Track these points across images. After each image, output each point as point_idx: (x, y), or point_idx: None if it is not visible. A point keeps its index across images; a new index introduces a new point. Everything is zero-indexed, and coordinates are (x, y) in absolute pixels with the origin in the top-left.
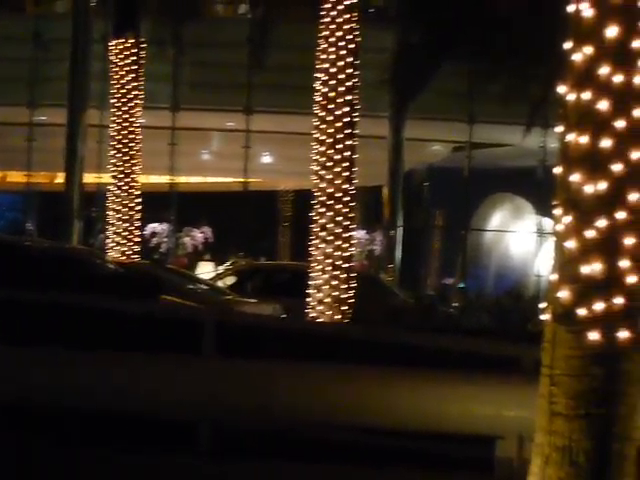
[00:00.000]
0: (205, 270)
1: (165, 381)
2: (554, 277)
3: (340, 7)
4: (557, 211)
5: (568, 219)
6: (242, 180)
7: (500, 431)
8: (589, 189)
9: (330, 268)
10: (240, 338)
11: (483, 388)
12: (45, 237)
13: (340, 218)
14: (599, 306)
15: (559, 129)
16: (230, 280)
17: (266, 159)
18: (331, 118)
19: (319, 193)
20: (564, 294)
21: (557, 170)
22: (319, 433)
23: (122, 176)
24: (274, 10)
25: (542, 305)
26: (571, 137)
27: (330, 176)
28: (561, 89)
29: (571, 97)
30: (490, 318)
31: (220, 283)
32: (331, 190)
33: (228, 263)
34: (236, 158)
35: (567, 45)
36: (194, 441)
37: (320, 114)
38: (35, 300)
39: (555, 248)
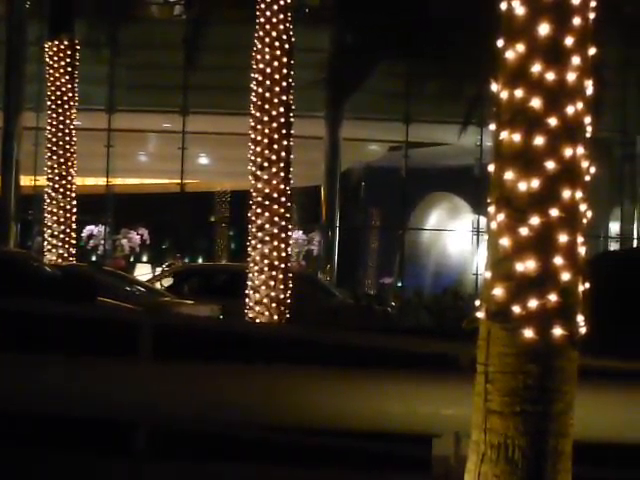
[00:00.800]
0: (142, 272)
1: (101, 384)
2: (488, 275)
3: (274, 7)
4: (491, 209)
5: (502, 217)
6: (179, 181)
7: (437, 429)
8: (522, 186)
9: (267, 269)
10: (177, 340)
11: (420, 386)
12: None
13: (277, 218)
14: (533, 303)
15: (493, 127)
16: (167, 282)
17: (203, 160)
18: (267, 118)
19: (256, 194)
20: (498, 292)
21: (491, 168)
22: (260, 434)
23: (58, 178)
24: (208, 11)
25: (477, 303)
26: (504, 135)
27: (266, 177)
28: (494, 87)
29: (504, 95)
30: (428, 317)
31: (157, 285)
32: (268, 191)
33: (165, 265)
34: (172, 159)
35: (499, 43)
36: (130, 444)
37: (256, 114)
38: None
39: (489, 246)
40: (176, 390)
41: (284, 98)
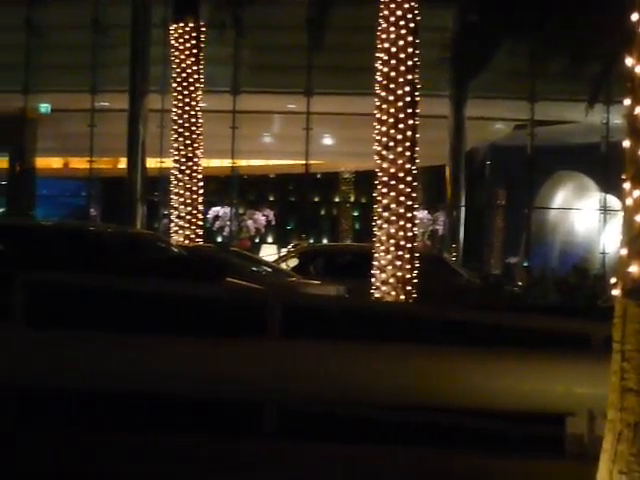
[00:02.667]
0: (268, 253)
1: (231, 364)
2: (624, 252)
3: None
4: (626, 185)
5: (638, 193)
6: (303, 162)
7: (571, 408)
8: None
9: (393, 248)
10: (305, 319)
11: (554, 365)
12: (109, 222)
13: (403, 198)
14: None
15: (627, 102)
16: (293, 262)
17: (327, 140)
18: (392, 98)
19: (381, 174)
20: (634, 269)
21: (625, 144)
22: (389, 414)
23: (184, 160)
24: None
25: (612, 280)
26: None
27: (392, 156)
28: (628, 62)
29: (639, 70)
30: (556, 296)
31: (283, 265)
32: (393, 170)
33: (290, 245)
34: (297, 140)
35: (634, 17)
36: (260, 424)
37: (381, 94)
38: (101, 285)
39: (624, 223)
40: (306, 370)
41: (409, 77)
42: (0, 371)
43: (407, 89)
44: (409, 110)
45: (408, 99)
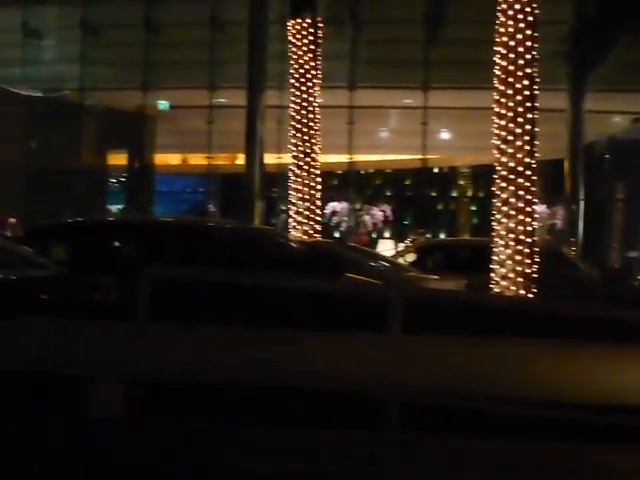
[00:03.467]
0: (385, 248)
1: (353, 359)
2: None
3: None
4: None
5: None
6: (420, 157)
7: None
8: None
9: (513, 243)
10: (427, 314)
11: None
12: (227, 218)
13: (522, 192)
14: None
15: None
16: (411, 257)
17: (444, 135)
18: (511, 92)
19: (500, 167)
20: None
21: None
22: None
23: (302, 156)
24: None
25: None
26: None
27: (511, 150)
28: None
29: None
30: None
31: (401, 260)
32: (513, 164)
33: (408, 240)
34: (414, 135)
35: None
36: (383, 420)
37: (500, 88)
38: (223, 280)
39: None
40: (429, 364)
41: (528, 71)
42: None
43: (526, 83)
44: (528, 104)
45: (527, 93)
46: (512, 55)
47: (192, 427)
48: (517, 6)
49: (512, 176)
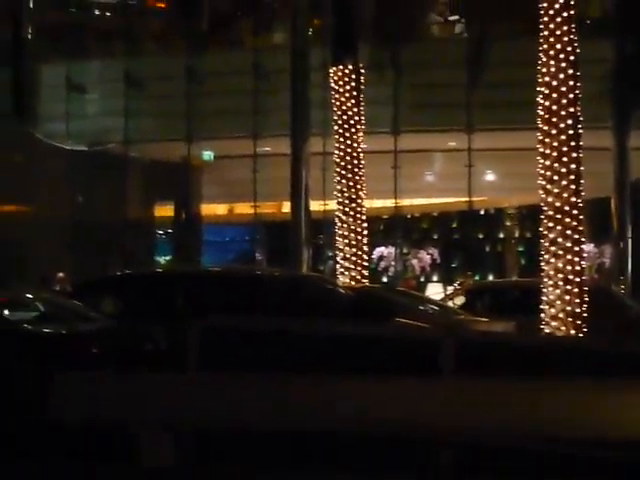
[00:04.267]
0: (434, 291)
1: (406, 402)
2: None
3: (558, 19)
4: None
5: None
6: (467, 199)
7: None
8: None
9: (562, 283)
10: (479, 356)
11: None
12: (275, 266)
13: (569, 232)
14: None
15: None
16: (459, 300)
17: (489, 177)
18: (555, 131)
19: (547, 207)
20: None
21: None
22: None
23: (348, 202)
24: (489, 27)
25: None
26: None
27: (557, 190)
28: None
29: None
30: None
31: (450, 303)
32: (559, 204)
33: (456, 283)
34: (459, 177)
35: None
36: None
37: (544, 128)
38: (276, 329)
39: None
40: (484, 406)
41: (571, 110)
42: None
43: (570, 122)
44: (572, 143)
45: (571, 132)
46: (555, 95)
47: (242, 474)
48: (558, 46)
49: (559, 216)
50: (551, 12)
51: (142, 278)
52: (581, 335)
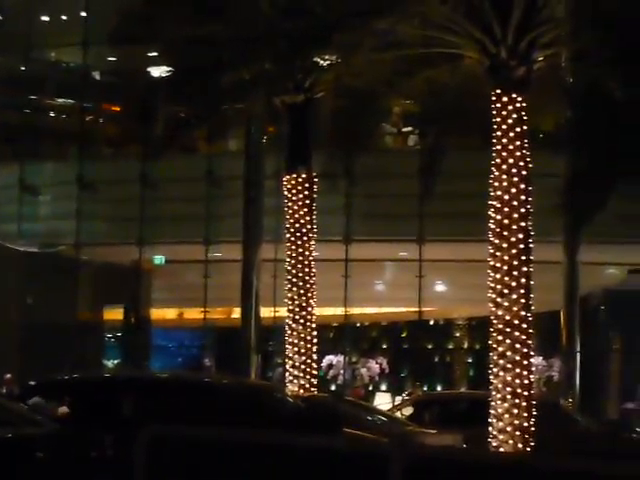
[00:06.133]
0: (382, 401)
1: None
2: None
3: (511, 134)
4: None
5: None
6: (416, 309)
7: None
8: None
9: (510, 396)
10: (428, 470)
11: None
12: (223, 372)
13: (518, 345)
14: None
15: None
16: (407, 411)
17: (440, 287)
18: (506, 245)
19: (496, 321)
20: None
21: None
22: None
23: (298, 309)
24: (443, 140)
25: None
26: None
27: (507, 303)
28: None
29: None
30: None
31: (398, 414)
32: (509, 317)
33: (405, 393)
34: (410, 287)
35: None
36: None
37: (495, 241)
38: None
39: None
40: None
41: (523, 224)
42: None
43: (520, 236)
44: (523, 257)
45: (522, 246)
46: (506, 209)
47: None
48: (511, 160)
49: (508, 329)
50: (504, 127)
51: (90, 382)
52: (528, 450)
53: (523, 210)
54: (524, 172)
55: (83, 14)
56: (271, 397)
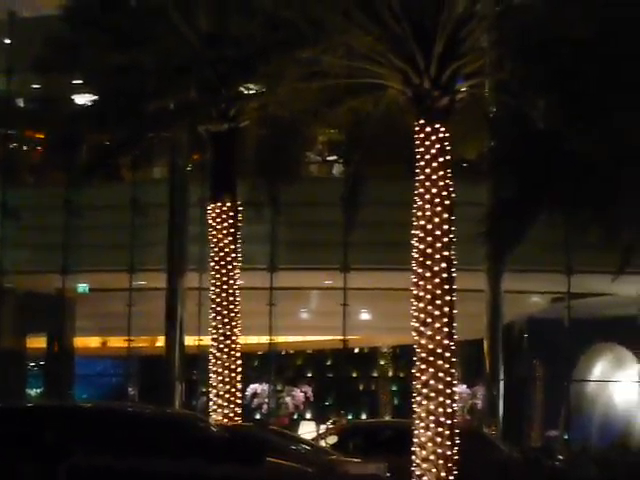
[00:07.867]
0: (307, 429)
1: None
2: None
3: (434, 164)
4: None
5: None
6: (341, 338)
7: None
8: None
9: (434, 425)
10: None
11: None
12: (147, 401)
13: (442, 374)
14: None
15: None
16: (332, 439)
17: (364, 316)
18: (429, 274)
19: (419, 350)
20: None
21: None
22: None
23: (222, 338)
24: (366, 169)
25: None
26: None
27: (430, 332)
28: None
29: None
30: (597, 471)
31: (322, 443)
32: (432, 346)
33: (329, 422)
34: (334, 316)
35: None
36: None
37: (418, 270)
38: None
39: None
40: None
41: (446, 253)
42: None
43: (444, 265)
44: (446, 286)
45: (445, 275)
46: (429, 238)
47: None
48: (434, 190)
49: (431, 358)
50: (427, 157)
51: (10, 411)
52: (451, 478)
53: (446, 239)
54: (447, 201)
55: (7, 41)
56: (195, 427)
